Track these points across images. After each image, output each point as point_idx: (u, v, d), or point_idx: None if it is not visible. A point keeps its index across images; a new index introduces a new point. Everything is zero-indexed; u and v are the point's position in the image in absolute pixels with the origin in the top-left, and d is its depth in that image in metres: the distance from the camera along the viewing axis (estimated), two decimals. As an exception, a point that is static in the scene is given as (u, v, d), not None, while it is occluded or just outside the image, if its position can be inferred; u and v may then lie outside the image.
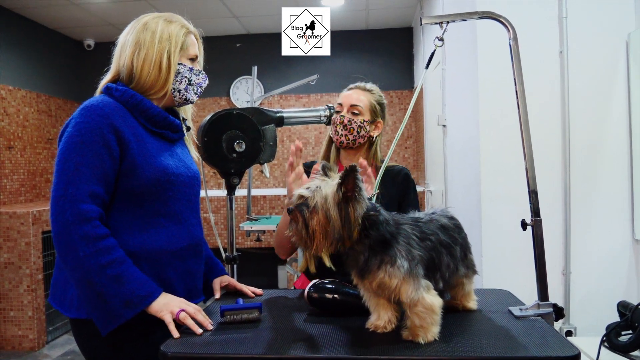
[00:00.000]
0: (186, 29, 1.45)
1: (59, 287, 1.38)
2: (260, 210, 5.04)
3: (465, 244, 1.32)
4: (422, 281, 1.12)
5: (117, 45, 1.43)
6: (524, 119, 1.41)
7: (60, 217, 1.24)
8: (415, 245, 1.14)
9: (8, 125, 4.30)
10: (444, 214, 1.31)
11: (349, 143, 1.78)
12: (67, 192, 1.24)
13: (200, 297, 1.53)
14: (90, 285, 1.23)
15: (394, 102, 5.30)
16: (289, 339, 1.20)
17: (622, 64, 2.32)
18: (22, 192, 4.46)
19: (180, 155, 1.48)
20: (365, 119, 1.78)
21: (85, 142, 1.27)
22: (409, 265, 1.11)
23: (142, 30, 1.39)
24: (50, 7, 4.37)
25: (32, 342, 3.81)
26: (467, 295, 1.35)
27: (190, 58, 1.46)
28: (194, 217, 1.48)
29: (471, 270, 1.33)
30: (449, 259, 1.23)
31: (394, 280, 1.11)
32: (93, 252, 1.23)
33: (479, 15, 1.49)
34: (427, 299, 1.11)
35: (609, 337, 1.87)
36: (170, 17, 1.45)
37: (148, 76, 1.38)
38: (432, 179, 4.16)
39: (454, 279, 1.28)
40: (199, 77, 1.48)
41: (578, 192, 2.33)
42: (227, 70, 5.33)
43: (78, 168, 1.26)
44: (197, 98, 1.51)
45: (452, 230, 1.27)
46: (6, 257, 3.79)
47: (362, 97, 1.80)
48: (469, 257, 1.32)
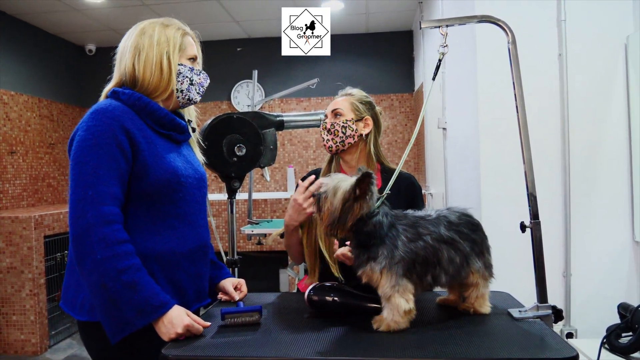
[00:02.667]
0: (183, 31, 1.47)
1: (70, 291, 1.38)
2: (261, 214, 5.05)
3: (482, 243, 1.35)
4: (401, 281, 1.24)
5: (117, 53, 1.45)
6: (522, 123, 1.42)
7: (81, 219, 1.24)
8: (400, 246, 1.26)
9: (10, 130, 4.32)
10: (458, 212, 1.35)
11: (338, 146, 1.77)
12: (87, 195, 1.24)
13: (206, 299, 1.54)
14: (105, 290, 1.22)
15: (395, 105, 5.31)
16: (289, 342, 1.21)
17: (621, 66, 2.33)
18: (24, 196, 4.47)
19: (187, 157, 1.50)
20: (348, 118, 1.76)
21: (100, 145, 1.28)
22: (387, 264, 1.24)
23: (140, 35, 1.41)
24: (51, 13, 4.39)
25: (34, 346, 3.81)
26: (480, 298, 1.35)
27: (189, 58, 1.48)
28: (201, 218, 1.49)
29: (488, 272, 1.35)
30: (453, 253, 1.28)
31: (374, 275, 1.26)
32: (110, 256, 1.22)
33: (478, 19, 1.50)
34: (395, 299, 1.24)
35: (609, 338, 1.87)
36: (167, 21, 1.47)
37: (151, 78, 1.40)
38: (433, 182, 4.16)
39: (464, 273, 1.31)
40: (200, 76, 1.49)
41: (578, 194, 2.34)
42: (228, 74, 5.34)
43: (95, 171, 1.26)
44: (200, 97, 1.52)
45: (461, 226, 1.31)
46: (8, 261, 3.80)
47: (342, 101, 1.81)
48: (486, 256, 1.35)
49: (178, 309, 1.27)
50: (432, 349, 1.13)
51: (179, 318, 1.25)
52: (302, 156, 5.41)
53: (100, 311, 1.26)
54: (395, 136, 5.32)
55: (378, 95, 5.20)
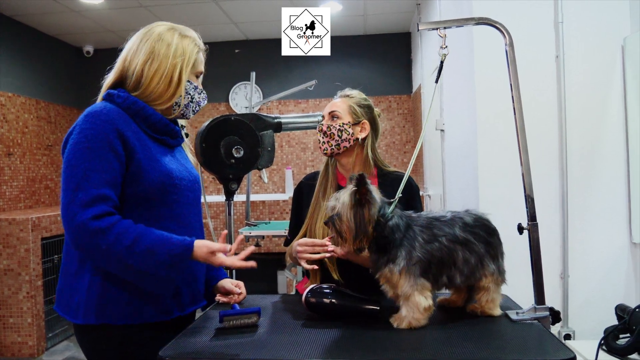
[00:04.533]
0: (198, 47, 1.46)
1: (64, 295, 1.38)
2: (259, 216, 5.05)
3: (497, 248, 1.37)
4: (419, 280, 1.28)
5: (124, 50, 1.43)
6: (520, 125, 1.42)
7: (72, 222, 1.24)
8: (417, 247, 1.29)
9: (7, 132, 4.31)
10: (475, 214, 1.37)
11: (334, 149, 1.75)
12: (76, 198, 1.25)
13: (202, 301, 1.54)
14: (130, 268, 1.26)
15: (393, 107, 5.31)
16: (287, 344, 1.21)
17: (618, 68, 2.33)
18: (21, 198, 4.46)
19: (181, 160, 1.50)
20: (345, 121, 1.75)
21: (93, 148, 1.28)
22: (406, 264, 1.28)
23: (157, 41, 1.40)
24: (49, 14, 4.39)
25: (31, 349, 3.80)
26: (490, 303, 1.36)
27: (196, 75, 1.48)
28: (196, 220, 1.50)
29: (501, 276, 1.36)
30: (468, 254, 1.31)
31: (394, 277, 1.29)
32: (113, 241, 1.24)
33: (475, 22, 1.51)
34: (415, 297, 1.27)
35: (607, 340, 1.87)
36: (185, 31, 1.46)
37: (157, 87, 1.39)
38: (431, 184, 4.17)
39: (479, 274, 1.33)
40: (200, 95, 1.49)
41: (576, 195, 2.34)
42: (226, 75, 5.34)
43: (86, 173, 1.26)
44: (193, 115, 1.52)
45: (477, 228, 1.34)
46: (5, 263, 3.79)
47: (340, 102, 1.79)
48: (500, 261, 1.36)
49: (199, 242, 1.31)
50: (430, 350, 1.13)
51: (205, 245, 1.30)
52: (300, 158, 5.41)
53: (145, 285, 1.32)
54: (393, 138, 5.32)
55: (376, 97, 5.20)
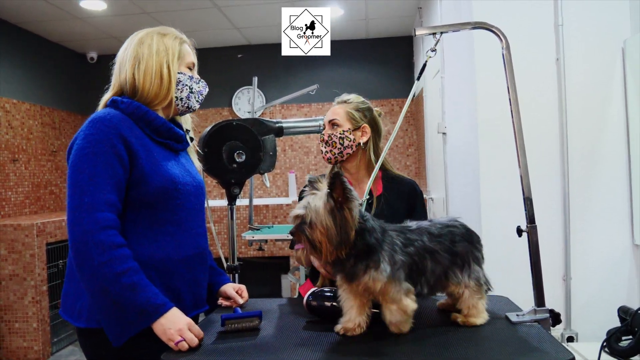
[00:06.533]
0: (180, 39, 1.49)
1: (69, 299, 1.39)
2: (262, 220, 5.06)
3: (468, 254, 1.30)
4: (404, 284, 1.21)
5: (115, 63, 1.47)
6: (517, 127, 1.42)
7: (78, 226, 1.25)
8: (398, 250, 1.22)
9: (12, 138, 4.34)
10: (441, 224, 1.32)
11: (337, 157, 1.76)
12: (83, 202, 1.26)
13: (205, 306, 1.55)
14: (107, 293, 1.24)
15: (395, 111, 5.32)
16: (288, 347, 1.21)
17: (619, 70, 2.34)
18: (26, 204, 4.49)
19: (185, 165, 1.51)
20: (345, 128, 1.76)
21: (97, 153, 1.30)
22: (391, 270, 1.19)
23: (139, 45, 1.43)
24: (53, 21, 4.42)
25: (37, 354, 3.82)
26: (473, 309, 1.29)
27: (188, 66, 1.50)
28: (199, 226, 1.50)
29: (474, 282, 1.29)
30: (433, 265, 1.26)
31: (377, 284, 1.19)
32: (107, 261, 1.24)
33: (471, 26, 1.51)
34: (403, 302, 1.20)
35: (609, 342, 1.87)
36: (163, 30, 1.49)
37: (151, 87, 1.41)
38: (433, 187, 4.17)
39: (441, 285, 1.29)
40: (199, 85, 1.52)
41: (577, 197, 2.34)
42: (229, 80, 5.37)
43: (92, 178, 1.28)
44: (199, 105, 1.54)
45: (442, 237, 1.28)
46: (11, 268, 3.82)
47: (339, 109, 1.79)
48: (473, 267, 1.30)
49: (178, 310, 1.29)
50: (430, 353, 1.14)
51: (180, 317, 1.27)
52: (303, 162, 5.42)
53: (103, 316, 1.28)
54: (396, 141, 5.33)
55: (378, 101, 5.22)
